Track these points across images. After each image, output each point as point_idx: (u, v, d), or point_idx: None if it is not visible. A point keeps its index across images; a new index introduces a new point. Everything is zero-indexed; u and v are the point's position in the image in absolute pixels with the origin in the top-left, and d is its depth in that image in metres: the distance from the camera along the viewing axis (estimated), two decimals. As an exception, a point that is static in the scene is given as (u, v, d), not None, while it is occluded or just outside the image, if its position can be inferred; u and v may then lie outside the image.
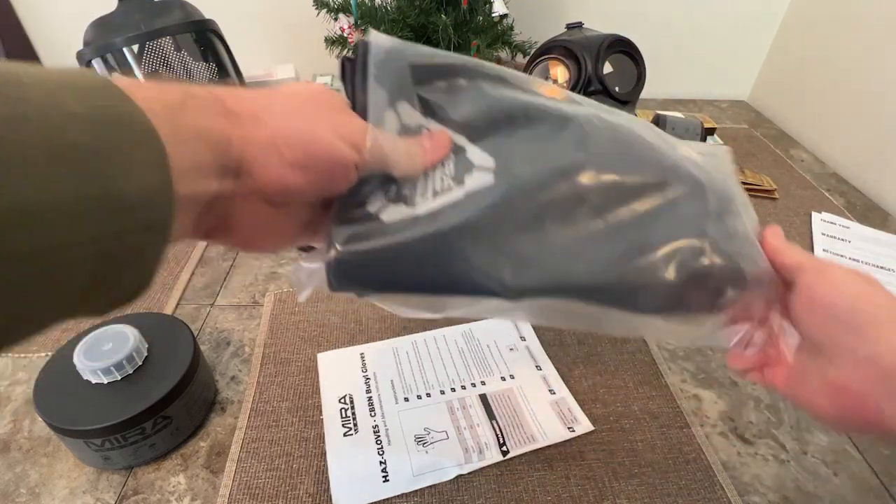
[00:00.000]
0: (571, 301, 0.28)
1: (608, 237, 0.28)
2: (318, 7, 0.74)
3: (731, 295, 0.29)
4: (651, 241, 0.28)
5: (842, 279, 0.27)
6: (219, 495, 0.40)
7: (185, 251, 0.64)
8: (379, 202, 0.28)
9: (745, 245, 0.30)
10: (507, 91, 0.30)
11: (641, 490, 0.41)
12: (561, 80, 0.72)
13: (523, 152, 0.29)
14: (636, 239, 0.28)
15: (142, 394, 0.39)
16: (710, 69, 1.12)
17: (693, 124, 0.70)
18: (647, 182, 0.29)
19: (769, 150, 0.93)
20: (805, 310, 0.28)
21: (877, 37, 0.83)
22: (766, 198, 0.79)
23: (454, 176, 0.28)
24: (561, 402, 0.47)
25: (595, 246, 0.27)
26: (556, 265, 0.27)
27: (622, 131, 0.30)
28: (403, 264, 0.27)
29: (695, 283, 0.28)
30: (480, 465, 0.42)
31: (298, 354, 0.51)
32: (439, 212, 0.27)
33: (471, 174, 0.28)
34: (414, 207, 0.27)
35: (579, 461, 0.43)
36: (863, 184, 0.84)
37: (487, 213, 0.27)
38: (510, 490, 0.41)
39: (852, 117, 0.88)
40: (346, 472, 0.42)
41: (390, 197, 0.28)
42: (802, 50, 1.00)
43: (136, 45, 0.60)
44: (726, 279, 0.29)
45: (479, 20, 0.72)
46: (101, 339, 0.41)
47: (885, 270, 0.66)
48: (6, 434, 0.44)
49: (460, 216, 0.27)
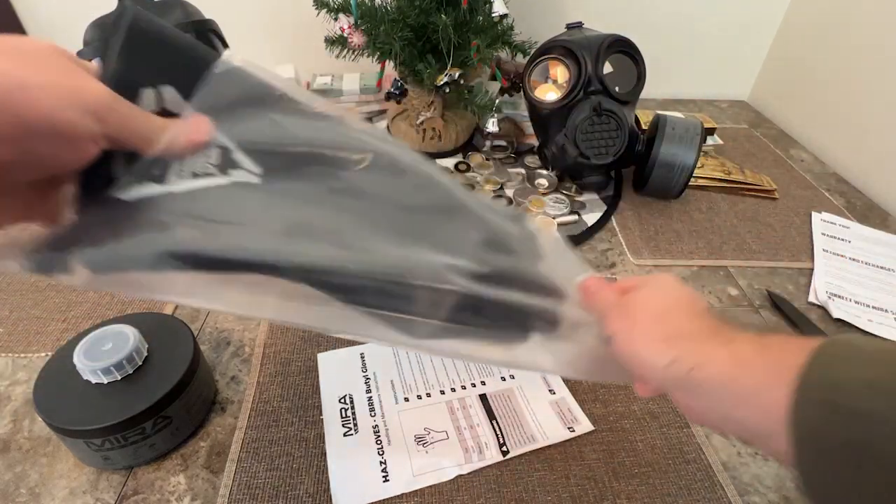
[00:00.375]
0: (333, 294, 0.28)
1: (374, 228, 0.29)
2: (318, 7, 0.74)
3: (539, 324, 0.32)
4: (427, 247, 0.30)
5: (619, 328, 0.32)
6: (219, 495, 0.40)
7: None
8: (126, 181, 0.26)
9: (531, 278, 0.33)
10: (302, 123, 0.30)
11: (641, 490, 0.41)
12: (561, 80, 0.72)
13: (294, 176, 0.29)
14: (418, 236, 0.29)
15: (142, 394, 0.39)
16: (710, 69, 1.12)
17: (693, 124, 0.70)
18: (433, 208, 0.31)
19: (769, 150, 0.93)
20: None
21: (877, 36, 0.83)
22: (766, 198, 0.79)
23: (219, 165, 0.27)
24: (561, 402, 0.47)
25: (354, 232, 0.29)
26: (323, 252, 0.28)
27: (416, 169, 0.32)
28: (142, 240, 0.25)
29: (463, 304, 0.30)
30: (480, 465, 0.42)
31: (298, 354, 0.51)
32: (200, 192, 0.26)
33: (236, 170, 0.27)
34: (168, 186, 0.26)
35: (579, 461, 0.43)
36: (863, 184, 0.84)
37: (254, 199, 0.27)
38: (510, 490, 0.41)
39: (852, 117, 0.88)
40: (346, 472, 0.42)
41: (138, 176, 0.26)
42: (802, 50, 1.00)
43: (135, 45, 0.60)
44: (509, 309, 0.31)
45: (479, 20, 0.72)
46: (101, 339, 0.41)
47: (885, 270, 0.66)
48: (6, 434, 0.44)
49: (224, 199, 0.26)
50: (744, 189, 0.80)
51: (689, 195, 0.78)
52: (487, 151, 0.85)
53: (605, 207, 0.74)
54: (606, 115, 0.68)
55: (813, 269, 0.65)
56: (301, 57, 0.97)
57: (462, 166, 0.81)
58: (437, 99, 0.80)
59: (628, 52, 0.71)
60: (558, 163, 0.73)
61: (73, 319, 0.55)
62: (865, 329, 0.56)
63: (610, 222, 0.72)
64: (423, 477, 0.41)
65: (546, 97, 0.73)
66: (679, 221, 0.73)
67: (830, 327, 0.57)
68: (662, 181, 0.71)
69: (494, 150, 0.85)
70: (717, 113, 1.06)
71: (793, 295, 0.61)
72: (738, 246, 0.69)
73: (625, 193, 0.78)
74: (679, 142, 0.69)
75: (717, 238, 0.70)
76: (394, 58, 0.72)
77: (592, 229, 0.70)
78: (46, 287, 0.58)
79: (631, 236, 0.70)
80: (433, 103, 0.81)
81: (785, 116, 1.03)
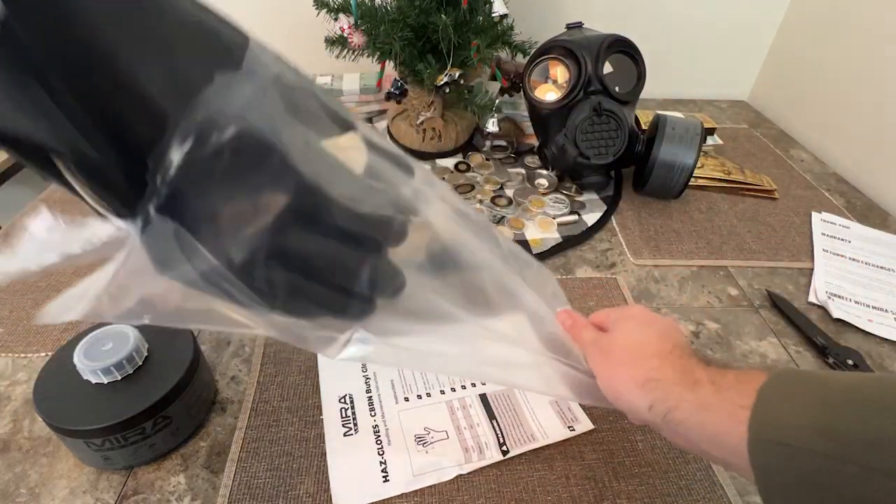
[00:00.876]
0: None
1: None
2: (318, 7, 0.74)
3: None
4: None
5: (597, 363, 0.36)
6: (219, 495, 0.40)
7: (185, 251, 0.64)
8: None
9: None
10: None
11: (641, 490, 0.41)
12: (561, 80, 0.72)
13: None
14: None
15: (142, 394, 0.39)
16: (710, 69, 1.12)
17: (693, 124, 0.70)
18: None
19: (769, 150, 0.93)
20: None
21: (877, 36, 0.83)
22: (766, 198, 0.79)
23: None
24: (561, 401, 0.47)
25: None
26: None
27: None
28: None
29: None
30: (480, 465, 0.42)
31: (298, 354, 0.51)
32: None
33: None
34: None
35: (579, 461, 0.43)
36: (863, 184, 0.84)
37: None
38: (510, 490, 0.41)
39: (852, 117, 0.88)
40: (346, 472, 0.42)
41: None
42: (802, 50, 1.00)
43: (135, 45, 0.60)
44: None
45: (479, 20, 0.72)
46: (101, 339, 0.41)
47: (885, 270, 0.66)
48: (6, 434, 0.44)
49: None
50: (744, 189, 0.80)
51: (689, 195, 0.78)
52: (487, 151, 0.85)
53: (605, 207, 0.74)
54: (606, 115, 0.68)
55: (813, 269, 0.65)
56: (301, 57, 0.96)
57: (462, 166, 0.81)
58: (437, 99, 0.80)
59: (628, 52, 0.71)
60: (558, 163, 0.73)
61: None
62: (865, 329, 0.56)
63: (610, 222, 0.72)
64: (423, 477, 0.41)
65: (546, 97, 0.73)
66: (679, 221, 0.73)
67: (830, 327, 0.57)
68: (662, 181, 0.71)
69: (494, 150, 0.85)
70: (717, 113, 1.06)
71: (793, 295, 0.61)
72: (738, 246, 0.69)
73: (625, 193, 0.78)
74: (679, 142, 0.69)
75: (717, 238, 0.70)
76: (394, 58, 0.72)
77: (592, 229, 0.70)
78: (46, 287, 0.58)
79: (631, 236, 0.70)
80: (433, 103, 0.81)
81: (785, 116, 1.03)
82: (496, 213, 0.72)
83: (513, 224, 0.70)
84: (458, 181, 0.77)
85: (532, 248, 0.66)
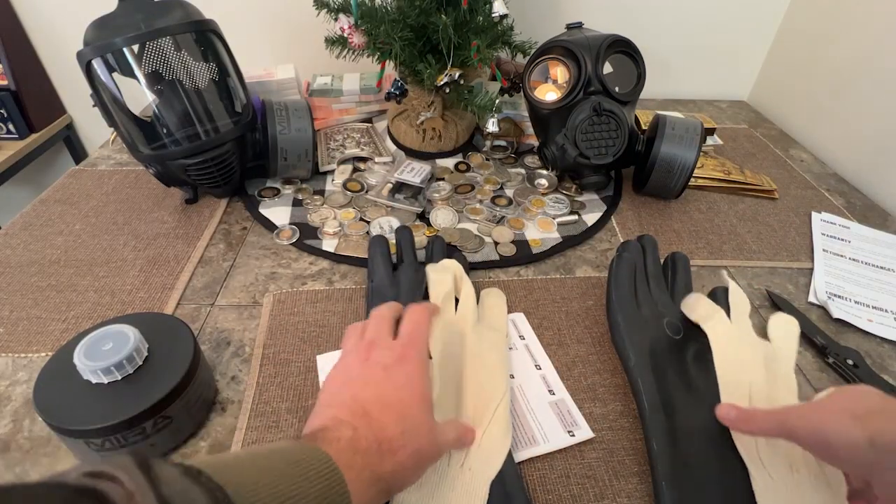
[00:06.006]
0: None
1: None
2: (318, 7, 0.74)
3: None
4: None
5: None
6: (219, 495, 0.40)
7: (186, 251, 0.64)
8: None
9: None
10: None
11: (642, 489, 0.41)
12: (561, 80, 0.72)
13: None
14: None
15: (142, 394, 0.39)
16: (710, 69, 1.12)
17: (693, 124, 0.70)
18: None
19: (769, 150, 0.93)
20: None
21: (876, 36, 0.83)
22: (766, 198, 0.79)
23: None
24: (560, 404, 0.47)
25: None
26: None
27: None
28: None
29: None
30: (480, 465, 0.42)
31: (298, 355, 0.51)
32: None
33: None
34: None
35: (579, 460, 0.43)
36: (863, 184, 0.84)
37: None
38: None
39: (852, 117, 0.88)
40: (346, 472, 0.41)
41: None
42: (802, 50, 1.00)
43: (136, 45, 0.60)
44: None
45: (479, 20, 0.72)
46: (101, 339, 0.41)
47: (885, 270, 0.66)
48: (6, 434, 0.44)
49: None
50: (744, 189, 0.80)
51: (688, 195, 0.78)
52: (487, 151, 0.85)
53: (605, 207, 0.74)
54: (606, 116, 0.68)
55: (813, 269, 0.65)
56: (301, 57, 0.97)
57: (462, 166, 0.82)
58: (437, 99, 0.80)
59: (628, 52, 0.71)
60: (558, 163, 0.73)
61: (73, 319, 0.55)
62: (865, 329, 0.56)
63: (610, 222, 0.72)
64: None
65: (546, 97, 0.73)
66: (679, 221, 0.73)
67: (830, 327, 0.57)
68: (662, 181, 0.71)
69: (494, 150, 0.85)
70: (717, 113, 1.06)
71: (793, 295, 0.61)
72: (737, 246, 0.69)
73: (625, 193, 0.78)
74: (679, 142, 0.69)
75: (717, 238, 0.70)
76: (394, 58, 0.72)
77: (592, 229, 0.70)
78: (47, 287, 0.58)
79: (631, 236, 0.70)
80: (433, 103, 0.81)
81: (785, 116, 1.04)
82: (496, 213, 0.72)
83: (513, 224, 0.70)
84: (458, 181, 0.78)
85: (532, 248, 0.66)
